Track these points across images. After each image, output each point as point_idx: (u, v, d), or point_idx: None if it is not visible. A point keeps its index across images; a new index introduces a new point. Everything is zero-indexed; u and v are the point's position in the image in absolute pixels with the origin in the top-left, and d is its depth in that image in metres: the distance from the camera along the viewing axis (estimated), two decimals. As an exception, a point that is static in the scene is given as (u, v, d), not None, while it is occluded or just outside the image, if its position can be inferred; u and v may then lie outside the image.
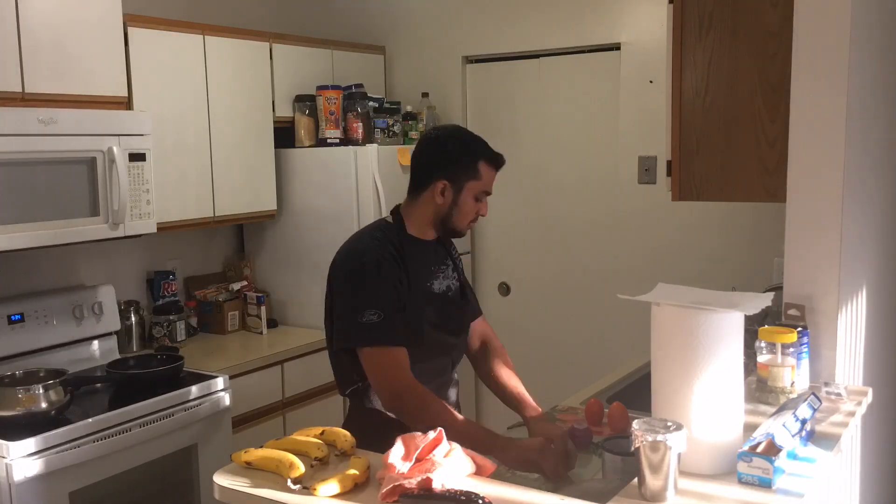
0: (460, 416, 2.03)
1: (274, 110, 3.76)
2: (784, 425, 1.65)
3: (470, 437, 1.86)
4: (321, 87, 3.79)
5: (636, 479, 1.54)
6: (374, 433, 1.88)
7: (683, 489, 1.54)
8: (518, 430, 2.21)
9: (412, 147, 3.89)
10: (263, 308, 3.76)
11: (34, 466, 2.46)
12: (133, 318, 3.45)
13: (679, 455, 1.50)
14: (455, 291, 2.26)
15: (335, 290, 2.14)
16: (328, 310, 2.18)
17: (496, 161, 2.18)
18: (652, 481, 1.50)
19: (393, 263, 2.07)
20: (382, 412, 2.09)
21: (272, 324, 3.83)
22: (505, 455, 1.89)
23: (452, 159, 2.15)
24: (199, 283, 3.84)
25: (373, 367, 2.03)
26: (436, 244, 2.24)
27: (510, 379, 2.28)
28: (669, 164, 2.65)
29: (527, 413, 2.18)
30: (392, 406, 2.03)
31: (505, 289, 4.28)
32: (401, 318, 2.04)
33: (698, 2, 2.53)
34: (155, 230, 3.13)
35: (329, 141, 3.77)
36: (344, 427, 1.95)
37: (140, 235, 3.13)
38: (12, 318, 3.00)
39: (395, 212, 2.24)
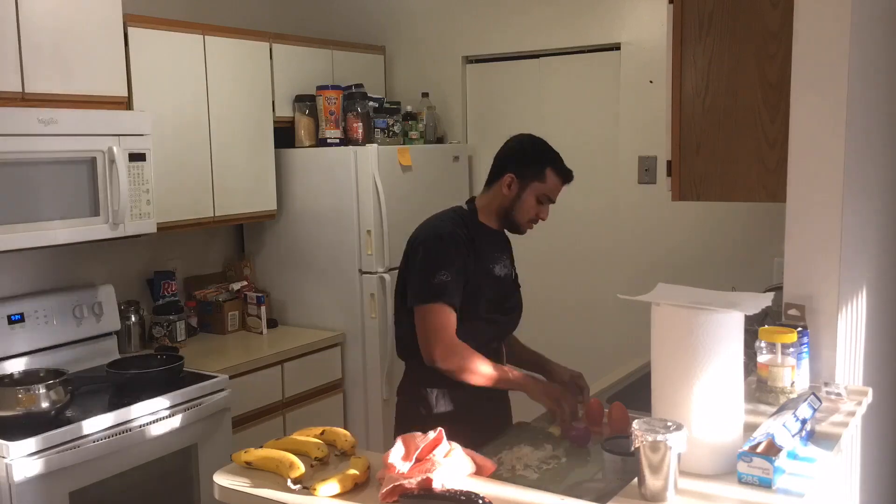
0: (500, 366, 2.30)
1: (274, 110, 3.76)
2: (784, 425, 1.65)
3: (510, 380, 2.26)
4: (321, 87, 3.79)
5: (636, 479, 1.54)
6: (426, 402, 2.32)
7: (683, 489, 1.54)
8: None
9: (412, 147, 3.92)
10: (263, 308, 3.76)
11: (34, 466, 2.46)
12: (133, 318, 3.45)
13: (679, 455, 1.50)
14: (512, 278, 2.52)
15: (413, 258, 2.35)
16: (402, 279, 2.41)
17: (563, 173, 2.42)
18: (652, 481, 1.50)
19: (462, 242, 2.32)
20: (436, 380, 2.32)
21: (272, 324, 3.83)
22: (536, 387, 2.27)
23: (525, 158, 2.41)
24: (199, 283, 3.84)
25: (432, 320, 2.24)
26: (502, 235, 2.50)
27: (524, 346, 2.67)
28: (669, 164, 2.65)
29: (547, 364, 2.57)
30: (443, 357, 2.23)
31: (505, 289, 4.28)
32: (462, 285, 2.28)
33: (698, 2, 2.53)
34: (155, 230, 3.13)
35: (329, 141, 3.77)
36: (398, 392, 2.47)
37: (140, 235, 3.13)
38: (12, 318, 3.00)
39: (471, 201, 2.49)
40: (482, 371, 2.23)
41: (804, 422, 1.72)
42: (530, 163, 2.39)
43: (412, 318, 2.30)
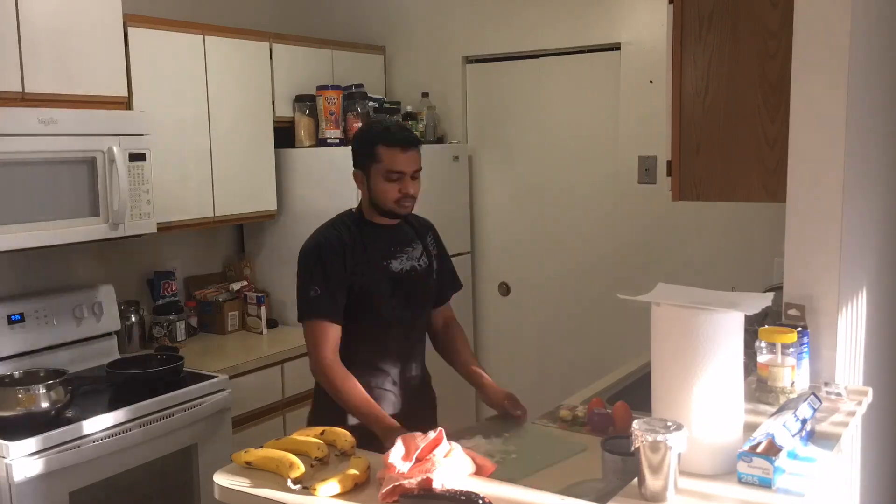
0: (365, 397, 2.24)
1: (274, 110, 3.76)
2: (784, 425, 1.65)
3: (363, 414, 2.19)
4: (321, 87, 3.79)
5: (636, 479, 1.54)
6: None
7: (683, 489, 1.54)
8: (494, 421, 2.34)
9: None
10: (263, 308, 3.76)
11: (34, 466, 2.46)
12: (133, 318, 3.45)
13: (679, 455, 1.50)
14: (420, 271, 2.46)
15: (298, 269, 2.39)
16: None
17: (395, 141, 2.32)
18: (652, 481, 1.50)
19: (341, 248, 2.32)
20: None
21: (272, 324, 3.82)
22: (385, 433, 2.11)
23: (356, 149, 2.40)
24: (199, 283, 3.84)
25: (308, 336, 2.30)
26: (401, 228, 2.46)
27: (465, 355, 2.59)
28: (669, 164, 2.65)
29: (482, 381, 2.50)
30: (315, 373, 2.30)
31: (505, 289, 4.28)
32: (342, 294, 2.30)
33: (698, 2, 2.53)
34: (155, 230, 3.13)
35: (329, 141, 3.77)
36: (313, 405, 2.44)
37: (140, 235, 3.13)
38: (12, 318, 3.00)
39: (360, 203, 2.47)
40: (346, 398, 2.22)
41: (804, 422, 1.72)
42: (360, 150, 2.38)
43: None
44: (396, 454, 1.58)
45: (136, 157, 3.02)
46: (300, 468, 1.63)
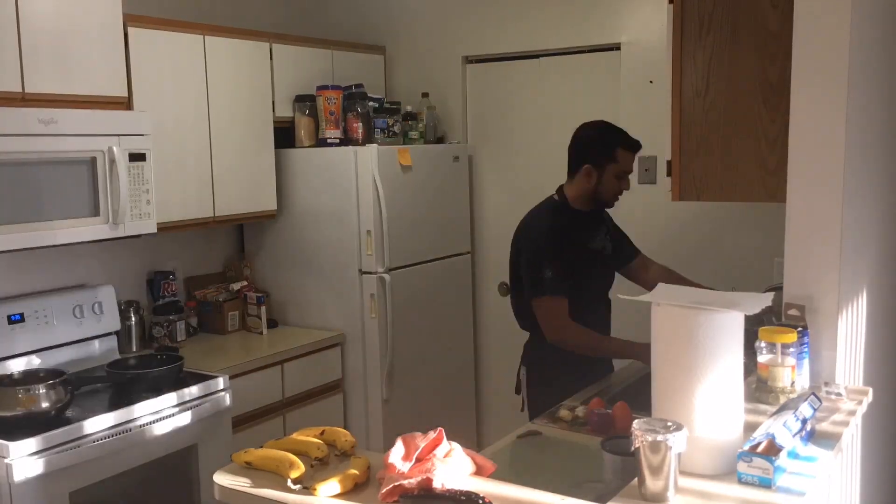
0: (606, 338, 2.85)
1: (274, 110, 3.76)
2: (785, 424, 1.65)
3: (615, 349, 2.78)
4: (321, 87, 3.79)
5: (636, 479, 1.54)
6: (549, 356, 2.77)
7: (683, 489, 1.54)
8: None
9: (412, 147, 3.92)
10: (263, 308, 3.76)
11: (34, 466, 2.47)
12: (133, 318, 3.45)
13: (679, 455, 1.50)
14: (609, 251, 2.94)
15: (522, 250, 2.81)
16: (514, 265, 2.87)
17: (632, 147, 2.76)
18: (652, 481, 1.50)
19: (560, 232, 2.74)
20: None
21: (272, 324, 3.82)
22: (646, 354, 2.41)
23: (596, 148, 2.76)
24: (199, 283, 3.84)
25: (544, 311, 2.72)
26: (592, 213, 2.87)
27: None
28: (669, 164, 2.65)
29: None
30: (557, 339, 2.70)
31: (505, 289, 4.27)
32: (568, 274, 2.69)
33: (698, 2, 2.53)
34: (155, 230, 3.13)
35: (329, 141, 3.77)
36: (524, 352, 2.95)
37: (140, 235, 3.13)
38: (12, 318, 3.00)
39: (560, 191, 2.86)
40: (591, 345, 2.71)
41: (805, 421, 1.72)
42: (602, 150, 2.73)
43: (520, 299, 2.82)
44: (396, 454, 1.57)
45: (136, 157, 3.02)
46: (300, 468, 1.63)
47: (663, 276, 2.97)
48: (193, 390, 2.95)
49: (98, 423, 2.65)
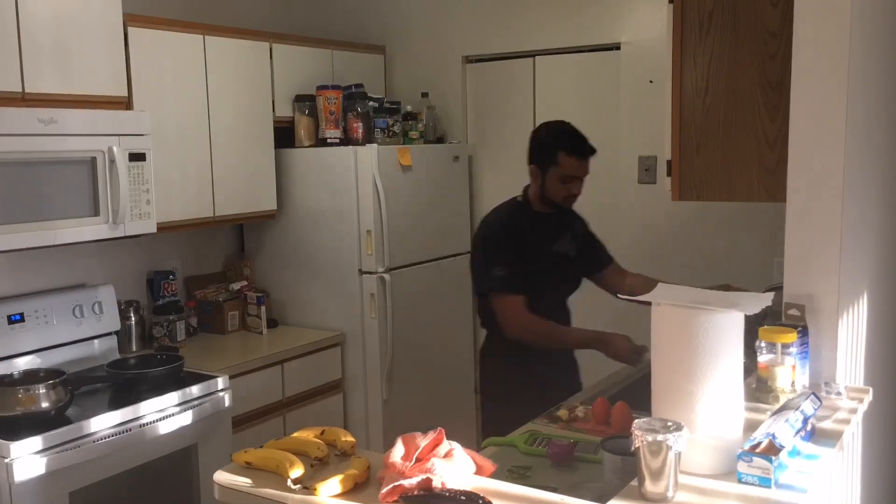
0: (569, 328, 2.87)
1: (274, 110, 3.76)
2: (787, 421, 1.65)
3: (578, 338, 2.80)
4: (321, 87, 3.79)
5: (636, 479, 1.54)
6: (506, 354, 2.78)
7: (683, 489, 1.54)
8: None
9: (412, 147, 3.92)
10: (263, 308, 3.76)
11: (34, 466, 2.47)
12: (133, 318, 3.45)
13: (679, 455, 1.50)
14: (574, 254, 2.89)
15: (478, 247, 2.86)
16: (471, 262, 2.90)
17: (577, 151, 2.71)
18: (652, 481, 1.50)
19: (517, 233, 2.73)
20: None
21: (272, 324, 3.83)
22: (609, 344, 2.69)
23: (538, 148, 2.77)
24: (199, 283, 3.84)
25: (502, 307, 2.71)
26: (558, 216, 2.84)
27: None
28: (669, 164, 2.65)
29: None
30: (516, 335, 2.70)
31: (505, 289, 4.27)
32: (521, 272, 2.67)
33: (698, 2, 2.53)
34: (155, 230, 3.13)
35: (329, 141, 3.77)
36: (482, 351, 2.97)
37: (140, 235, 3.13)
38: (12, 318, 3.00)
39: (525, 191, 2.85)
40: (552, 336, 2.72)
41: (805, 420, 1.72)
42: (544, 151, 2.72)
43: (481, 299, 2.83)
44: (396, 454, 1.57)
45: (136, 157, 3.02)
46: (300, 468, 1.63)
47: (642, 284, 2.82)
48: (193, 390, 2.95)
49: (98, 423, 2.65)
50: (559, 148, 2.70)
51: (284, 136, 3.84)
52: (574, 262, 2.91)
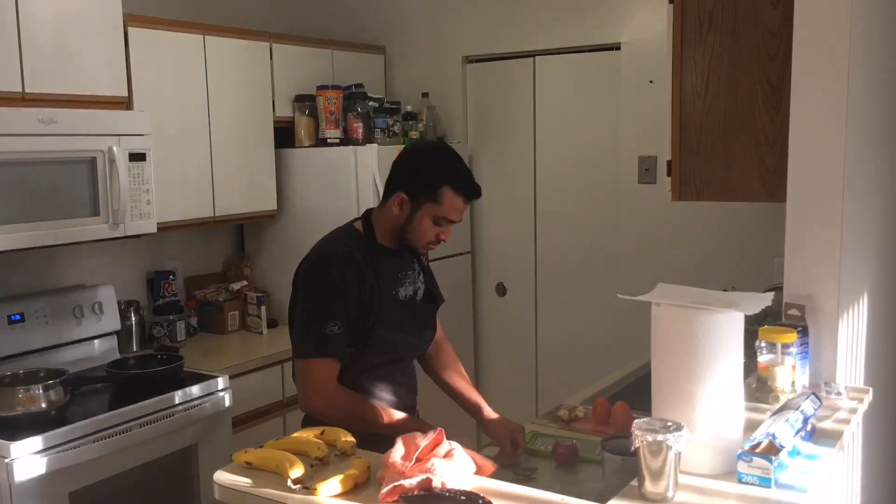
0: (394, 414, 2.09)
1: (274, 110, 3.76)
2: (787, 421, 1.65)
3: (402, 426, 2.00)
4: (321, 87, 3.79)
5: (636, 479, 1.54)
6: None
7: (683, 489, 1.54)
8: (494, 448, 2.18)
9: (412, 147, 3.89)
10: (263, 308, 3.75)
11: (34, 466, 2.46)
12: (133, 318, 3.45)
13: (679, 455, 1.50)
14: (421, 295, 2.27)
15: (299, 297, 2.10)
16: (291, 314, 2.14)
17: (466, 190, 2.08)
18: (652, 481, 1.50)
19: (356, 275, 2.05)
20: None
21: (272, 324, 3.82)
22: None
23: (416, 176, 2.09)
24: (199, 283, 3.84)
25: (314, 374, 2.04)
26: (403, 251, 2.19)
27: (466, 386, 2.37)
28: (669, 164, 2.65)
29: (484, 416, 2.27)
30: (314, 406, 2.05)
31: (501, 289, 4.28)
32: (357, 332, 2.06)
33: (698, 2, 2.53)
34: (155, 230, 3.13)
35: (329, 141, 3.77)
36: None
37: (140, 235, 3.13)
38: (12, 318, 2.99)
39: (367, 217, 2.19)
40: (365, 419, 2.02)
41: (805, 420, 1.72)
42: (423, 181, 2.06)
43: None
44: (396, 454, 1.57)
45: (136, 157, 3.02)
46: (300, 468, 1.63)
47: (436, 348, 2.41)
48: (193, 390, 2.95)
49: (98, 423, 2.65)
50: (445, 181, 2.05)
51: (284, 136, 3.84)
52: (422, 306, 2.28)
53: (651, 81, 3.64)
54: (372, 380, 2.14)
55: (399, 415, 2.10)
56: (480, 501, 1.47)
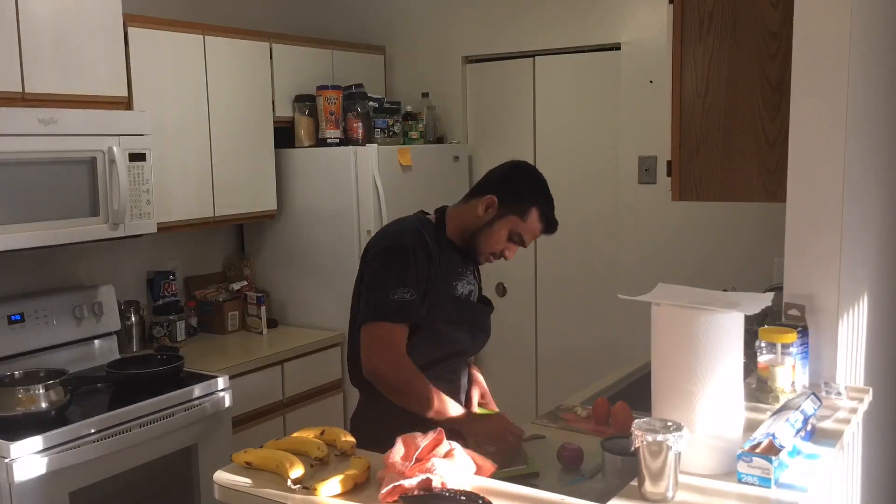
0: (448, 404, 2.07)
1: (274, 110, 3.76)
2: (787, 421, 1.65)
3: (437, 407, 2.02)
4: (321, 87, 3.79)
5: (636, 480, 1.54)
6: (387, 427, 1.80)
7: (683, 489, 1.54)
8: (532, 443, 2.17)
9: (412, 147, 3.92)
10: (263, 308, 3.76)
11: (34, 466, 2.46)
12: (133, 318, 3.45)
13: (679, 455, 1.50)
14: (476, 297, 2.32)
15: (369, 266, 2.16)
16: (357, 292, 2.20)
17: (548, 221, 2.22)
18: (652, 481, 1.50)
19: (425, 254, 2.12)
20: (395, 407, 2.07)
21: (272, 324, 3.83)
22: (471, 426, 2.05)
23: (515, 187, 2.21)
24: (199, 283, 3.84)
25: (381, 335, 2.05)
26: (463, 251, 2.26)
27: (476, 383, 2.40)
28: (669, 164, 2.65)
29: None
30: (374, 370, 2.05)
31: (501, 290, 4.28)
32: (423, 304, 2.11)
33: (698, 2, 2.53)
34: (155, 230, 3.14)
35: (329, 141, 3.77)
36: (353, 420, 2.24)
37: (140, 235, 3.13)
38: (12, 318, 2.99)
39: (441, 212, 2.29)
40: (421, 394, 2.02)
41: (805, 420, 1.72)
42: (517, 194, 2.19)
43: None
44: (396, 454, 1.57)
45: (136, 157, 3.02)
46: (300, 468, 1.63)
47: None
48: (193, 390, 2.95)
49: (98, 423, 2.65)
50: (537, 205, 2.19)
51: (284, 136, 3.84)
52: (474, 311, 2.30)
53: (651, 81, 3.64)
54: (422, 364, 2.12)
55: (454, 407, 2.07)
56: (480, 501, 1.47)
